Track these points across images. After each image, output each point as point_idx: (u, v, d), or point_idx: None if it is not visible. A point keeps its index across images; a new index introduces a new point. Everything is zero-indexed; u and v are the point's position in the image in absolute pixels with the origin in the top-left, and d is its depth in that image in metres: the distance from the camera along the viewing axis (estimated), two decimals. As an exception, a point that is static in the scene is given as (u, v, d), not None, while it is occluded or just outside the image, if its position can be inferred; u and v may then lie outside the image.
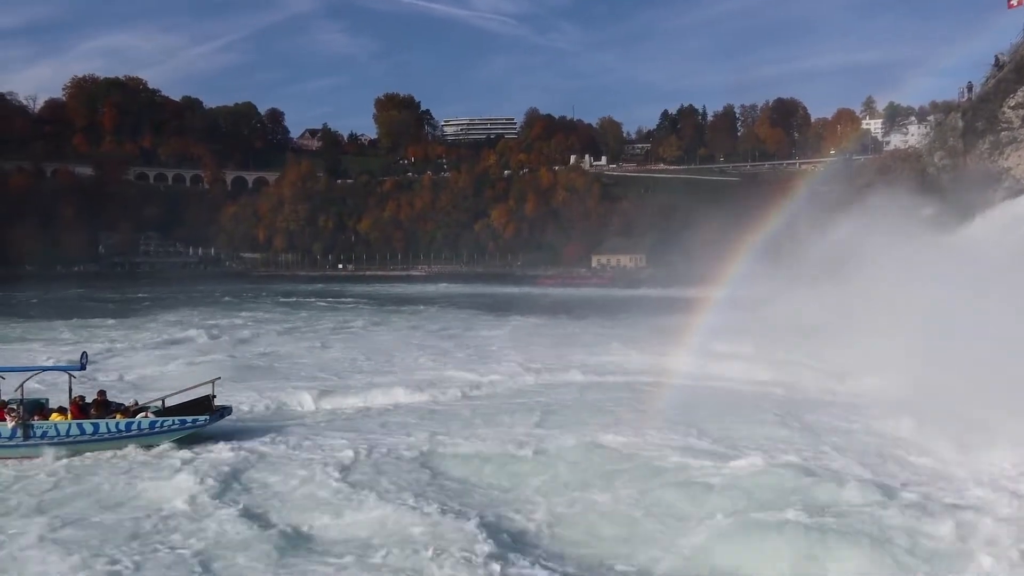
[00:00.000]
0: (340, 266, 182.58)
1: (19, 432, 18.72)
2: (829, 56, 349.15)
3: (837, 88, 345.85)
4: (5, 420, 18.85)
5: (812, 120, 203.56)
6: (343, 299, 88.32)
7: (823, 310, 41.03)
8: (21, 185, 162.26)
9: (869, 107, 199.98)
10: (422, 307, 74.83)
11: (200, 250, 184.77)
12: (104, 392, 20.57)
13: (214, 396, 20.51)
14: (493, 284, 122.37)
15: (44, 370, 21.50)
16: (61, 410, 19.65)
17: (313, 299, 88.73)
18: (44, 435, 18.87)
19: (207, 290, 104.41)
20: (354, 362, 36.27)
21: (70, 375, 20.46)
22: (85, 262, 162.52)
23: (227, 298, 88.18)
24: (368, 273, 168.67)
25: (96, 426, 19.12)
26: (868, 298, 36.64)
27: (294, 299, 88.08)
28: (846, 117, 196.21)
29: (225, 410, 20.83)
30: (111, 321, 56.79)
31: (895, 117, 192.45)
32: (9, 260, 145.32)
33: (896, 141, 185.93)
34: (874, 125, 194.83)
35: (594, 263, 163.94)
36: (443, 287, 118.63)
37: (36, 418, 19.23)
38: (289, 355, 38.64)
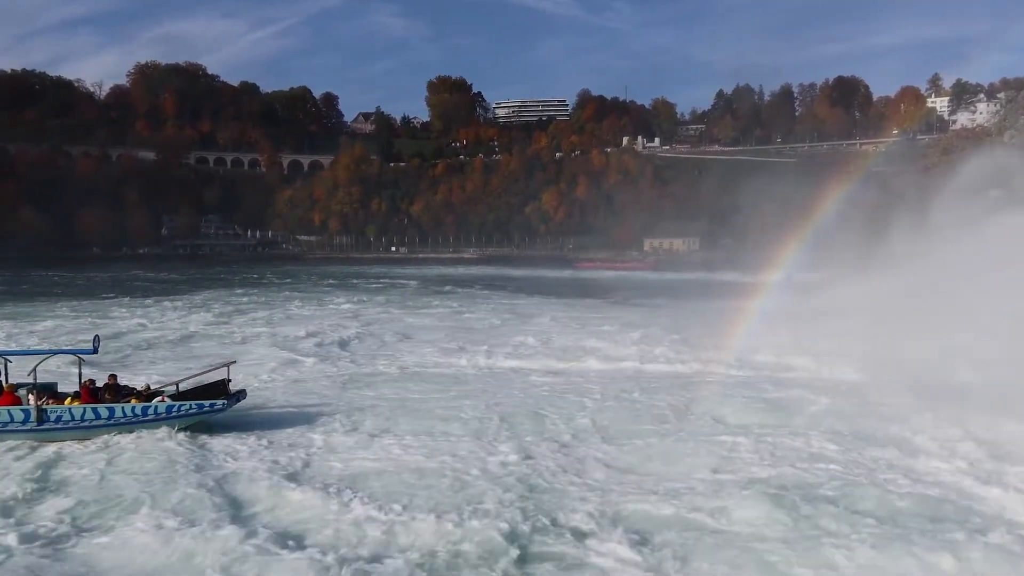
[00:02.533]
0: (393, 248, 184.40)
1: (32, 416, 18.17)
2: (894, 32, 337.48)
3: (901, 65, 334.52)
4: (20, 404, 18.41)
5: (874, 99, 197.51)
6: (398, 280, 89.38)
7: (881, 296, 39.87)
8: (88, 170, 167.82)
9: (935, 84, 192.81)
10: (472, 288, 75.33)
11: (258, 233, 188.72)
12: (115, 376, 20.24)
13: (229, 380, 20.10)
14: (538, 268, 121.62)
15: (55, 353, 20.74)
16: (76, 395, 19.15)
17: (369, 280, 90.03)
18: (58, 419, 18.29)
19: (284, 271, 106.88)
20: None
21: (79, 359, 19.83)
22: (149, 244, 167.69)
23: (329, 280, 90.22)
24: (421, 256, 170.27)
25: (111, 410, 18.55)
26: (930, 285, 35.48)
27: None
28: (910, 95, 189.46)
29: (240, 394, 20.37)
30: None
31: (963, 95, 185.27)
32: (78, 243, 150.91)
33: (963, 120, 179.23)
34: (940, 103, 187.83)
35: (646, 246, 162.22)
36: (490, 269, 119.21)
37: (51, 402, 18.73)
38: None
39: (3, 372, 19.43)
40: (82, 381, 19.43)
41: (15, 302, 55.70)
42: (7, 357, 20.02)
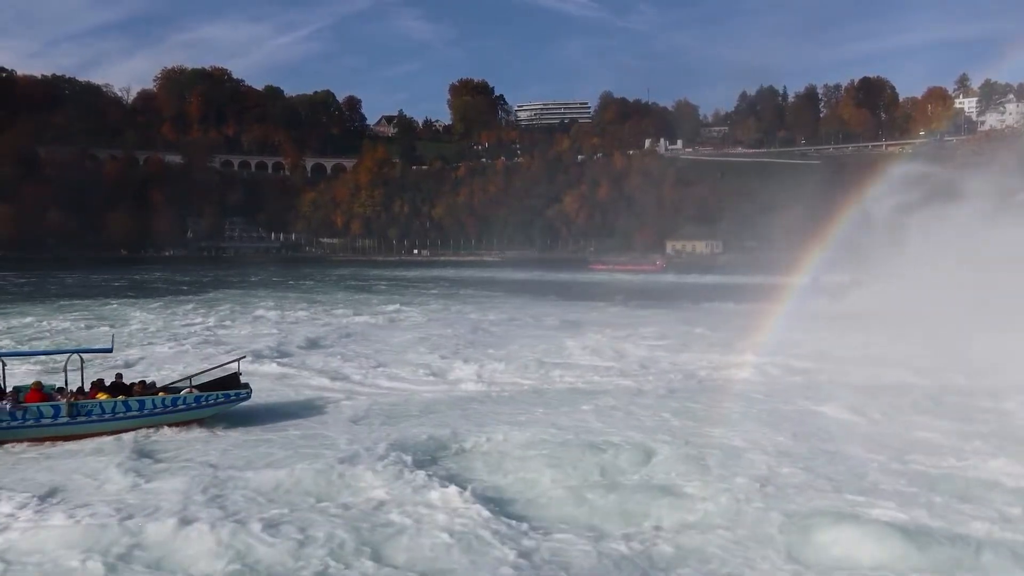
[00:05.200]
0: (415, 251, 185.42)
1: (64, 411, 18.10)
2: (920, 31, 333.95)
3: (928, 65, 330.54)
4: (49, 400, 18.33)
5: (900, 99, 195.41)
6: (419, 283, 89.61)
7: (906, 298, 39.32)
8: (115, 173, 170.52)
9: (963, 85, 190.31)
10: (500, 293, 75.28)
11: (281, 235, 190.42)
12: (121, 375, 20.26)
13: (240, 373, 20.55)
14: (554, 270, 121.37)
15: (76, 352, 20.29)
16: (104, 389, 19.18)
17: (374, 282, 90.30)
18: (90, 413, 18.34)
19: (329, 274, 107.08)
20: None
21: (81, 358, 19.74)
22: (174, 246, 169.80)
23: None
24: (442, 258, 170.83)
25: (142, 403, 18.85)
26: (955, 287, 34.94)
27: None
28: (937, 96, 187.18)
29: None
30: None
31: (991, 95, 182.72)
32: (104, 245, 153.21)
33: (992, 121, 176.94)
34: (968, 104, 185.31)
35: (668, 249, 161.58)
36: (513, 273, 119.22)
37: (79, 397, 18.62)
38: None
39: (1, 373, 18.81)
40: (91, 380, 19.53)
41: (35, 303, 56.46)
42: (12, 358, 19.79)
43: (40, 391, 18.62)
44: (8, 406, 17.79)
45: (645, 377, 25.74)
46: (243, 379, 20.79)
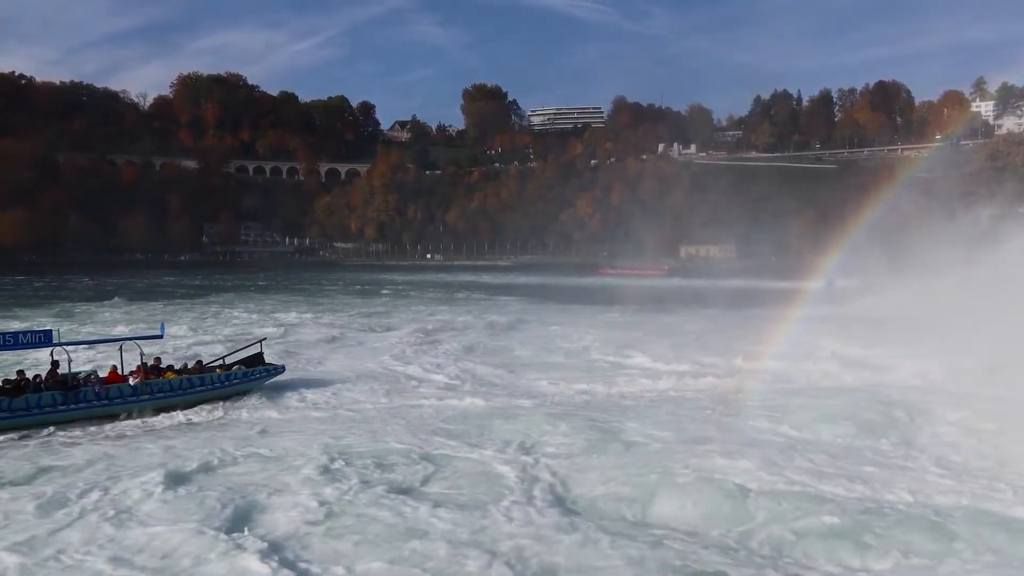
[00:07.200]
0: (429, 256, 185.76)
1: (140, 389, 20.88)
2: (936, 35, 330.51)
3: (944, 69, 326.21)
4: (126, 381, 20.98)
5: (916, 103, 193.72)
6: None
7: (919, 303, 39.07)
8: (132, 178, 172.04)
9: (980, 88, 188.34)
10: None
11: (296, 240, 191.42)
12: (159, 359, 22.73)
13: (263, 352, 24.01)
14: (563, 275, 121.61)
15: (133, 339, 22.79)
16: (173, 369, 22.25)
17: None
18: (159, 390, 21.15)
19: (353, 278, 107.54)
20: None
21: (121, 346, 22.24)
22: (190, 251, 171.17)
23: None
24: (456, 263, 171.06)
25: (202, 379, 22.07)
26: (971, 292, 34.73)
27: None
28: (954, 99, 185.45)
29: None
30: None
31: (1009, 98, 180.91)
32: (121, 249, 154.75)
33: (1009, 124, 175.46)
34: (985, 107, 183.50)
35: (682, 253, 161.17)
36: (517, 278, 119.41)
37: (150, 376, 21.44)
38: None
39: (69, 361, 20.91)
40: (131, 365, 21.87)
41: (49, 305, 57.17)
42: (69, 347, 21.89)
43: (116, 372, 21.27)
44: (96, 388, 20.44)
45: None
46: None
